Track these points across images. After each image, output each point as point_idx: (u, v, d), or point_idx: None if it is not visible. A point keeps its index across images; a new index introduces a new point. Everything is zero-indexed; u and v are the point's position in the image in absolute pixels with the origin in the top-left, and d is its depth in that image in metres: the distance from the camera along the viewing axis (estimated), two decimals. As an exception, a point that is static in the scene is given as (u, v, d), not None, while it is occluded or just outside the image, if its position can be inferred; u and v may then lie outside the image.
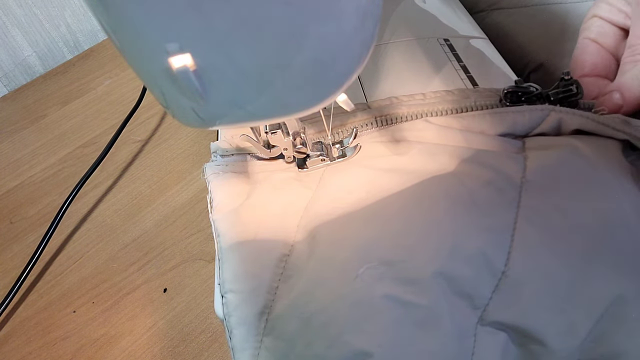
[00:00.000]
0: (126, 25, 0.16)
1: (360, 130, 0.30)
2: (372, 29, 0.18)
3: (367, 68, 0.31)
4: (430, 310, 0.21)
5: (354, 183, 0.27)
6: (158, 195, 0.40)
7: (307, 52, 0.17)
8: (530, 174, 0.25)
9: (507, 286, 0.22)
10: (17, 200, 0.41)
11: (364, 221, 0.24)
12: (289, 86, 0.18)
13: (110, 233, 0.37)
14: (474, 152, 0.27)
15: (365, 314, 0.21)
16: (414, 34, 0.37)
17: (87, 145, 0.45)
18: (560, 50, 0.38)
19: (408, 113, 0.30)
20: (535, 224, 0.23)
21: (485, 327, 0.21)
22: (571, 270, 0.22)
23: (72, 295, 0.34)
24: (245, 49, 0.16)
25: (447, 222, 0.23)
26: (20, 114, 0.51)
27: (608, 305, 0.21)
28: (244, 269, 0.24)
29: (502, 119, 0.28)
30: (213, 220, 0.27)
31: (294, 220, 0.26)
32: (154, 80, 0.18)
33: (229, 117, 0.19)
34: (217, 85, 0.17)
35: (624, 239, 0.22)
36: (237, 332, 0.23)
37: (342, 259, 0.23)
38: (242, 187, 0.28)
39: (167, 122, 0.46)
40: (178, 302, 0.32)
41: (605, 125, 0.26)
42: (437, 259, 0.22)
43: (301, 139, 0.28)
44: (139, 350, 0.30)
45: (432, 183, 0.25)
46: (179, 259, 0.35)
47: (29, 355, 0.31)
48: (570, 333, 0.21)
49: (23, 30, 0.55)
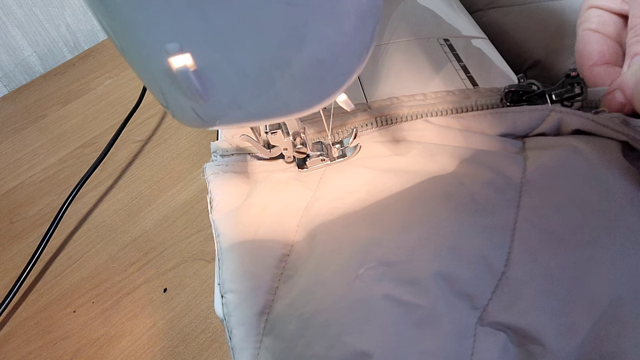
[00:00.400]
0: (126, 25, 0.16)
1: (360, 130, 0.30)
2: (372, 29, 0.18)
3: (367, 68, 0.31)
4: (429, 310, 0.21)
5: (354, 183, 0.27)
6: (158, 195, 0.40)
7: (307, 52, 0.17)
8: (530, 174, 0.25)
9: (507, 286, 0.22)
10: (17, 200, 0.41)
11: (363, 221, 0.24)
12: (289, 86, 0.18)
13: (110, 233, 0.37)
14: (474, 152, 0.27)
15: (365, 314, 0.21)
16: (414, 34, 0.37)
17: (87, 145, 0.46)
18: (558, 47, 0.37)
19: (408, 113, 0.30)
20: (535, 224, 0.23)
21: (485, 328, 0.21)
22: (571, 271, 0.22)
23: (72, 295, 0.34)
24: (245, 49, 0.16)
25: (447, 222, 0.23)
26: (20, 114, 0.51)
27: (607, 306, 0.21)
28: (244, 269, 0.24)
29: (502, 119, 0.28)
30: (213, 220, 0.27)
31: (293, 220, 0.26)
32: (154, 80, 0.18)
33: (229, 117, 0.19)
34: (217, 85, 0.17)
35: (624, 239, 0.22)
36: (237, 332, 0.23)
37: (342, 259, 0.23)
38: (242, 187, 0.28)
39: (167, 122, 0.46)
40: (178, 302, 0.32)
41: (605, 126, 0.26)
42: (436, 259, 0.22)
43: (301, 139, 0.28)
44: (139, 350, 0.30)
45: (432, 183, 0.25)
46: (179, 259, 0.35)
47: (29, 355, 0.31)
48: (569, 333, 0.21)
49: (23, 30, 0.55)
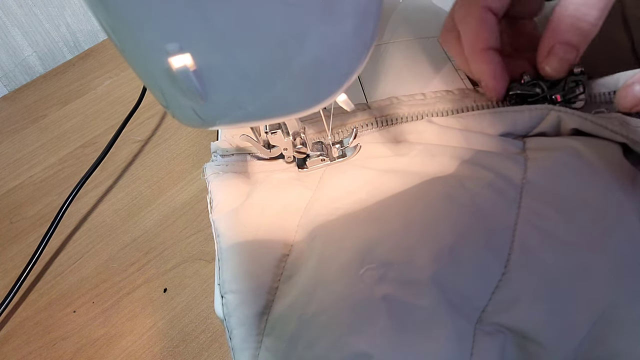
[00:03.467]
0: (126, 25, 0.16)
1: (361, 130, 0.30)
2: (372, 29, 0.18)
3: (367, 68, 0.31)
4: (429, 311, 0.21)
5: (354, 183, 0.27)
6: (158, 195, 0.40)
7: (307, 52, 0.17)
8: (530, 175, 0.25)
9: (506, 288, 0.22)
10: (17, 200, 0.41)
11: (364, 222, 0.24)
12: (289, 86, 0.18)
13: (110, 233, 0.37)
14: (474, 153, 0.26)
15: (365, 315, 0.21)
16: (414, 34, 0.37)
17: (87, 145, 0.45)
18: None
19: (408, 113, 0.30)
20: (535, 226, 0.23)
21: (484, 328, 0.21)
22: (570, 272, 0.22)
23: (72, 295, 0.34)
24: (245, 49, 0.16)
25: (448, 223, 0.23)
26: (20, 114, 0.51)
27: (605, 307, 0.21)
28: (244, 269, 0.24)
29: (502, 119, 0.28)
30: (213, 220, 0.27)
31: (294, 220, 0.26)
32: (154, 80, 0.18)
33: (229, 117, 0.19)
34: (217, 86, 0.17)
35: (623, 241, 0.22)
36: (237, 333, 0.23)
37: (342, 259, 0.23)
38: (242, 187, 0.28)
39: (167, 122, 0.46)
40: (178, 302, 0.32)
41: (604, 127, 0.26)
42: (437, 260, 0.22)
43: (301, 139, 0.28)
44: (139, 350, 0.30)
45: (432, 184, 0.25)
46: (179, 259, 0.35)
47: (29, 355, 0.31)
48: (568, 334, 0.21)
49: (23, 30, 0.55)
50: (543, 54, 0.27)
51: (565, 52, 0.26)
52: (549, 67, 0.27)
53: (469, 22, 0.30)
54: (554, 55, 0.27)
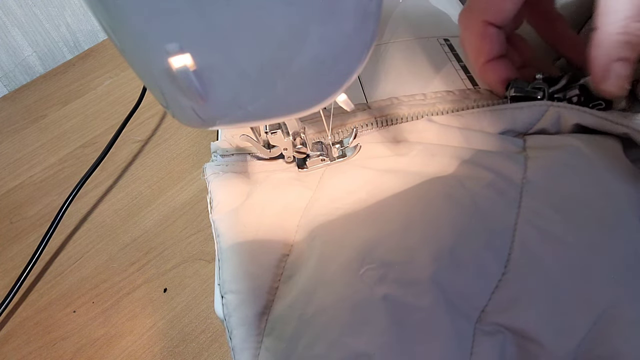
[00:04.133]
0: (126, 25, 0.16)
1: (361, 130, 0.30)
2: (372, 28, 0.18)
3: (367, 68, 0.31)
4: (429, 311, 0.21)
5: (354, 183, 0.27)
6: (158, 195, 0.40)
7: (308, 52, 0.17)
8: (531, 175, 0.25)
9: (506, 287, 0.22)
10: (17, 200, 0.41)
11: (364, 222, 0.24)
12: (289, 86, 0.18)
13: (110, 233, 0.37)
14: (474, 153, 0.26)
15: (365, 315, 0.21)
16: (414, 34, 0.37)
17: (87, 145, 0.45)
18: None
19: (408, 113, 0.30)
20: (536, 225, 0.23)
21: (484, 328, 0.21)
22: (570, 272, 0.22)
23: (72, 295, 0.34)
24: (245, 49, 0.16)
25: (448, 223, 0.23)
26: (20, 114, 0.51)
27: (606, 307, 0.21)
28: (244, 269, 0.24)
29: (501, 116, 0.28)
30: (213, 220, 0.27)
31: (293, 220, 0.26)
32: (154, 80, 0.18)
33: (229, 117, 0.19)
34: (217, 86, 0.17)
35: (624, 241, 0.22)
36: (237, 333, 0.23)
37: (342, 259, 0.23)
38: (242, 187, 0.28)
39: (167, 122, 0.46)
40: (178, 302, 0.32)
41: (604, 119, 0.26)
42: (437, 260, 0.22)
43: (301, 139, 0.28)
44: (139, 350, 0.30)
45: (432, 184, 0.25)
46: (179, 259, 0.35)
47: (29, 355, 0.31)
48: (568, 334, 0.21)
49: (23, 30, 0.55)
50: (599, 74, 0.26)
51: (624, 69, 0.25)
52: (611, 87, 0.26)
53: (468, 38, 0.30)
54: (612, 73, 0.25)
